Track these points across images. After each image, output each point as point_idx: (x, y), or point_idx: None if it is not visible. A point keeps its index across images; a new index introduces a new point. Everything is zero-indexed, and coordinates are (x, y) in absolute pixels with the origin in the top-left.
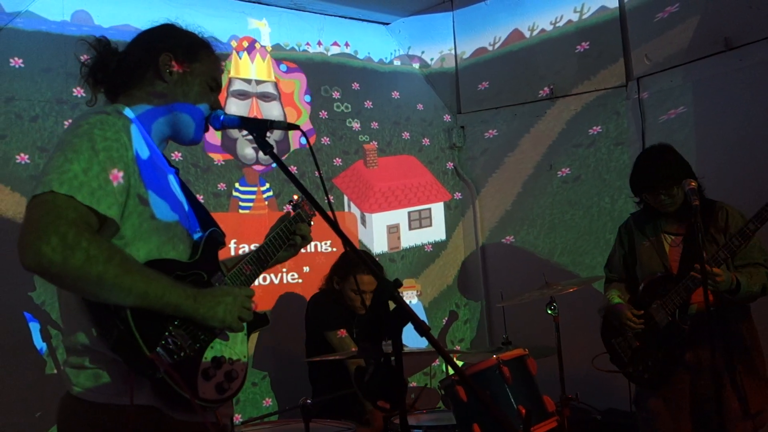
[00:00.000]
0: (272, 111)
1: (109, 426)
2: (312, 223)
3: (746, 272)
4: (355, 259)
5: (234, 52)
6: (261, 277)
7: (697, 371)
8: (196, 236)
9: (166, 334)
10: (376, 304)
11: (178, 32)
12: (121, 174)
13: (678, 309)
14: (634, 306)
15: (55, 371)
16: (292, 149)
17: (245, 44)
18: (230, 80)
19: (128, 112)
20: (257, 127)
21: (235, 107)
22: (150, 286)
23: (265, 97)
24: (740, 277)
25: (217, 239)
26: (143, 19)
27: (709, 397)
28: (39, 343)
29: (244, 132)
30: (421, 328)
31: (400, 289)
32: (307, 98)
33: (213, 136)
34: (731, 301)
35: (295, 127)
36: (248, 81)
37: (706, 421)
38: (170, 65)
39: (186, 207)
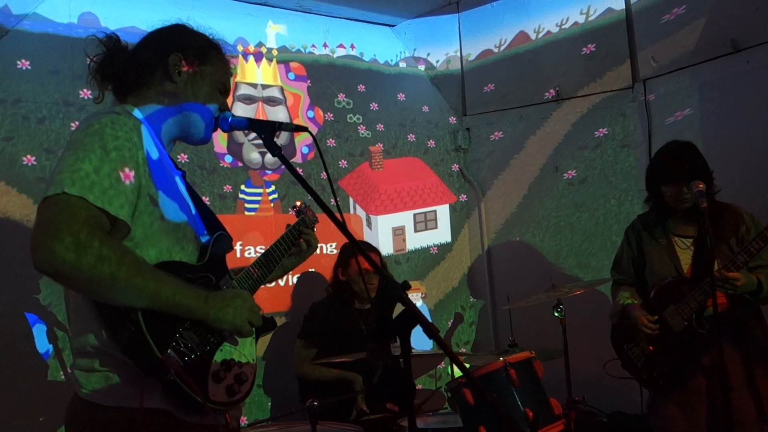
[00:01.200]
0: (278, 115)
1: (120, 429)
2: (315, 229)
3: (763, 273)
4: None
5: (240, 56)
6: None
7: (713, 374)
8: (204, 239)
9: (177, 336)
10: (384, 306)
11: (188, 33)
12: (132, 173)
13: (694, 313)
14: (646, 310)
15: (62, 374)
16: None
17: (252, 48)
18: (236, 84)
19: (137, 113)
20: (265, 129)
21: (241, 111)
22: (162, 288)
23: (271, 101)
24: (762, 278)
25: (225, 243)
26: (150, 21)
27: (723, 399)
28: (45, 345)
29: (250, 137)
30: (430, 331)
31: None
32: (310, 114)
33: (219, 145)
34: (747, 304)
35: (304, 128)
36: (254, 85)
37: (720, 423)
38: (179, 65)
39: (193, 210)
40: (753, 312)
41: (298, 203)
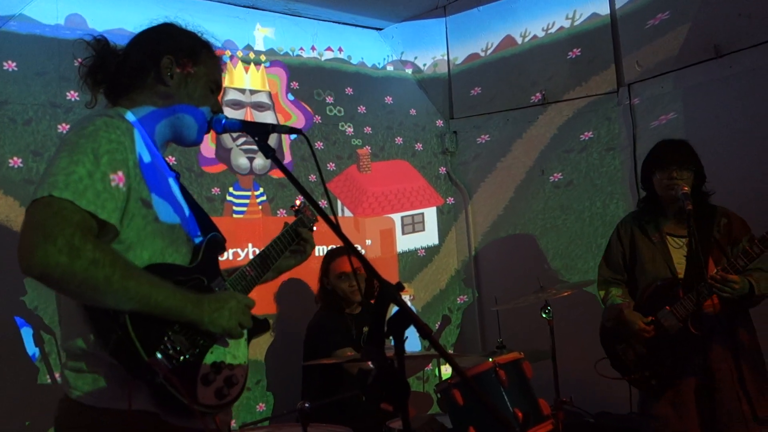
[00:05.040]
0: (266, 120)
1: (109, 430)
2: (314, 228)
3: (753, 276)
4: (333, 252)
5: (228, 61)
6: None
7: (703, 374)
8: (197, 240)
9: (165, 339)
10: (378, 307)
11: (177, 33)
12: (123, 177)
13: (690, 315)
14: (638, 311)
15: (48, 378)
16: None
17: (240, 54)
18: (225, 90)
19: (130, 115)
20: (259, 131)
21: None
22: (153, 291)
23: (259, 106)
24: (753, 281)
25: (218, 244)
26: (138, 23)
27: (715, 399)
28: (32, 348)
29: (239, 142)
30: (424, 331)
31: None
32: (290, 96)
33: (207, 148)
34: (740, 306)
35: (297, 131)
36: (242, 91)
37: (712, 422)
38: (172, 68)
39: (186, 211)
40: (741, 314)
41: (298, 202)
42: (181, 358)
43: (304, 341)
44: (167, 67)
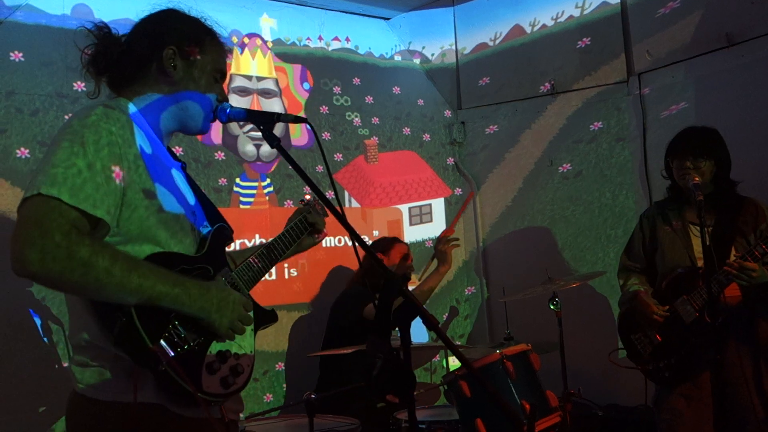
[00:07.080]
0: (273, 107)
1: (114, 423)
2: (326, 214)
3: None
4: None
5: (235, 47)
6: None
7: (720, 368)
8: (204, 231)
9: (170, 326)
10: (384, 298)
11: (181, 20)
12: (121, 172)
13: (706, 304)
14: (656, 300)
15: (56, 367)
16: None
17: (246, 40)
18: (231, 76)
19: (132, 107)
20: (264, 120)
21: (235, 103)
22: (158, 283)
23: (266, 93)
24: None
25: (225, 234)
26: (144, 13)
27: (730, 394)
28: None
29: (246, 128)
30: (430, 322)
31: None
32: (306, 85)
33: (215, 133)
34: (760, 298)
35: (303, 120)
36: (249, 77)
37: (727, 419)
38: (175, 59)
39: (192, 201)
40: (764, 308)
41: (307, 197)
42: (186, 346)
43: (332, 307)
44: (170, 58)
